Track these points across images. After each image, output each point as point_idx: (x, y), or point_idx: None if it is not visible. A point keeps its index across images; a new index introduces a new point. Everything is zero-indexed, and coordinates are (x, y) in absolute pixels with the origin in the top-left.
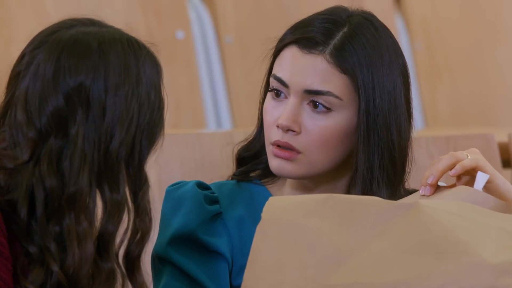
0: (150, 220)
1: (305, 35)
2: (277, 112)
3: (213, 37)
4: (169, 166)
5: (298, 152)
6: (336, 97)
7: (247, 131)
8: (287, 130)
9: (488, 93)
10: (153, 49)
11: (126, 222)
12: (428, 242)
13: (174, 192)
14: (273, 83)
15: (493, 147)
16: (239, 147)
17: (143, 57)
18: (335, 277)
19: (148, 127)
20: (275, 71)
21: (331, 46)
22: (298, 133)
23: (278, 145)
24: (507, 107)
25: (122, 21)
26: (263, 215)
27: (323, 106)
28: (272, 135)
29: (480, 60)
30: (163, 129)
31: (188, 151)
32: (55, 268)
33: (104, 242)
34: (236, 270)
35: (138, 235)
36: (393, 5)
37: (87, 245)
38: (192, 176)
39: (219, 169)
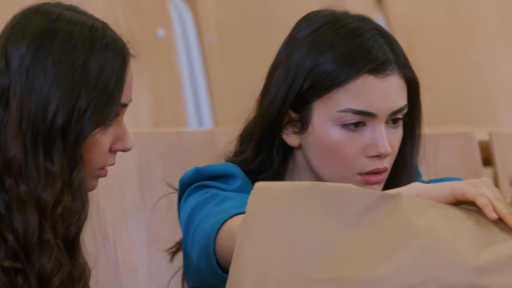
0: (83, 201)
1: (375, 62)
2: (358, 143)
3: (194, 36)
4: (150, 165)
5: (386, 171)
6: (407, 106)
7: (229, 129)
8: (386, 156)
9: (469, 92)
10: (134, 47)
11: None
12: (410, 235)
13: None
14: (352, 117)
15: (473, 145)
16: (231, 157)
17: (104, 40)
18: (319, 271)
19: (94, 105)
20: (350, 105)
21: (395, 61)
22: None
23: (375, 172)
24: (488, 106)
25: (103, 19)
26: (247, 208)
27: (400, 119)
28: (362, 165)
29: (460, 59)
30: (111, 112)
31: (170, 150)
32: (9, 236)
33: (42, 211)
34: None
35: (76, 216)
36: (374, 4)
37: (28, 211)
38: (173, 175)
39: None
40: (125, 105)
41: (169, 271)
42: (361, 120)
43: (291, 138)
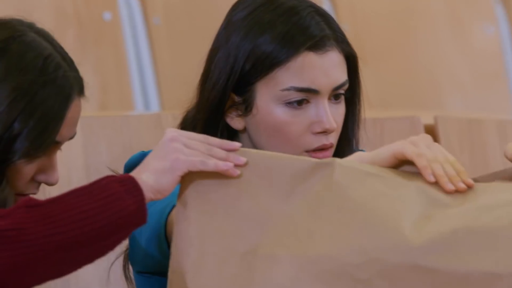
0: None
1: (314, 39)
2: (302, 120)
3: (140, 18)
4: (96, 149)
5: (332, 147)
6: (348, 81)
7: (176, 113)
8: (331, 132)
9: (414, 76)
10: (80, 30)
11: None
12: (347, 211)
13: None
14: (295, 94)
15: (419, 129)
16: None
17: (54, 74)
18: (257, 245)
19: (26, 133)
20: (292, 83)
21: (333, 36)
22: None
23: (322, 149)
24: (433, 90)
25: (50, 2)
26: (181, 187)
27: (342, 94)
28: (308, 142)
29: (405, 43)
30: (42, 146)
31: (116, 133)
32: None
33: None
34: None
35: None
36: None
37: None
38: (120, 159)
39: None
40: (58, 143)
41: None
42: (304, 97)
43: (235, 121)
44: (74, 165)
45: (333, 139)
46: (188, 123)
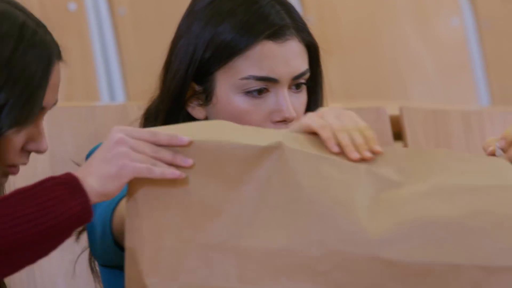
0: None
1: (273, 27)
2: (262, 109)
3: (106, 9)
4: (62, 140)
5: None
6: (309, 70)
7: (141, 104)
8: (291, 121)
9: (379, 67)
10: (45, 21)
11: None
12: (301, 200)
13: None
14: (254, 83)
15: (384, 120)
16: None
17: (33, 39)
18: (213, 236)
19: (13, 102)
20: (252, 72)
21: (293, 26)
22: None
23: None
24: (398, 81)
25: None
26: (130, 185)
27: (303, 84)
28: None
29: (371, 35)
30: (31, 112)
31: (81, 124)
32: None
33: None
34: None
35: None
36: None
37: None
38: (85, 149)
39: None
40: (44, 108)
41: (80, 246)
42: (264, 86)
43: (196, 111)
44: (39, 156)
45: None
46: (151, 114)
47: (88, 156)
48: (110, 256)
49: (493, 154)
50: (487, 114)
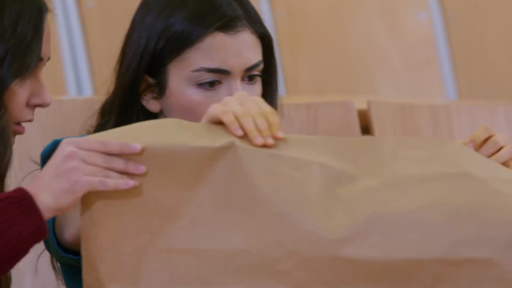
0: (6, 146)
1: (224, 18)
2: (215, 101)
3: (73, 2)
4: (29, 134)
5: None
6: (262, 62)
7: (106, 97)
8: None
9: (347, 62)
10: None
11: None
12: (259, 202)
13: None
14: (206, 75)
15: (352, 114)
16: (92, 133)
17: None
18: (172, 240)
19: (12, 53)
20: (203, 64)
21: (246, 17)
22: None
23: None
24: (366, 75)
25: None
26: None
27: (256, 75)
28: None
29: (339, 28)
30: (31, 61)
31: (49, 118)
32: None
33: None
34: None
35: None
36: None
37: None
38: None
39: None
40: (42, 60)
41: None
42: (216, 78)
43: (151, 104)
44: None
45: None
46: (106, 108)
47: (43, 154)
48: (59, 256)
49: None
50: (455, 108)
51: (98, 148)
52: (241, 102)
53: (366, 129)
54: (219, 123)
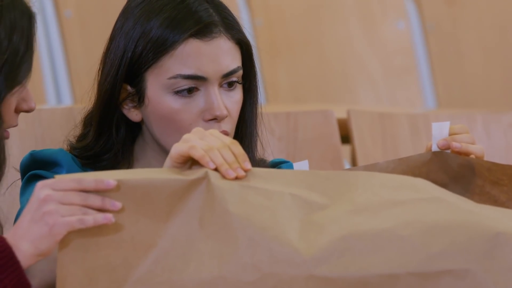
0: (1, 157)
1: (199, 25)
2: (193, 108)
3: (52, 11)
4: (8, 143)
5: (227, 135)
6: (241, 68)
7: (88, 107)
8: (222, 118)
9: (327, 70)
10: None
11: None
12: (233, 228)
13: None
14: (183, 82)
15: (332, 123)
16: (73, 143)
17: (10, 1)
18: (147, 272)
19: (8, 65)
20: (179, 71)
21: (222, 23)
22: (226, 117)
23: None
24: (345, 84)
25: None
26: None
27: (236, 82)
28: None
29: (319, 37)
30: (27, 71)
31: (28, 127)
32: None
33: None
34: None
35: None
36: None
37: None
38: None
39: (59, 145)
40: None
41: None
42: (193, 85)
43: (132, 113)
44: None
45: (227, 126)
46: (88, 118)
47: (21, 166)
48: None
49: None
50: (434, 117)
51: (73, 187)
52: (201, 137)
53: (345, 138)
54: (187, 160)
